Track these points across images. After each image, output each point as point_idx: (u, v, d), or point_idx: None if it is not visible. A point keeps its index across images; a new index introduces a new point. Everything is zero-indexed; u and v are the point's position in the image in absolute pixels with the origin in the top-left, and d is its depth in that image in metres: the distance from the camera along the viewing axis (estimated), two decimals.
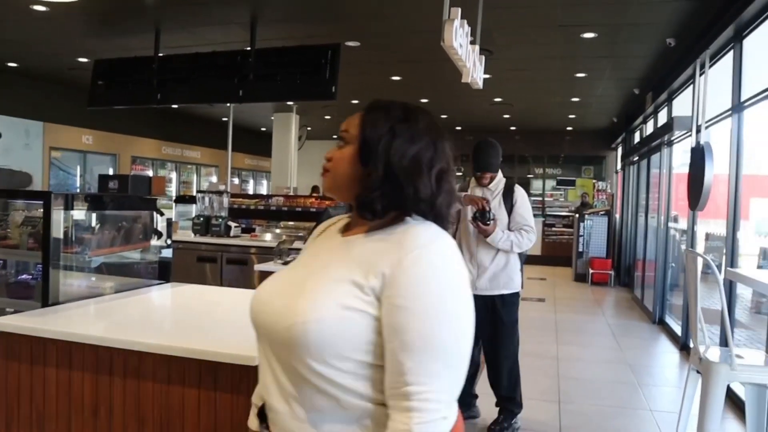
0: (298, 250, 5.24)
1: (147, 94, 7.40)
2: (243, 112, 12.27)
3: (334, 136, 11.93)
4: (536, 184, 16.58)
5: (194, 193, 13.96)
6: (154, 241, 3.19)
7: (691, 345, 3.56)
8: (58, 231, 2.51)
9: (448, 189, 1.29)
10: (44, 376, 2.18)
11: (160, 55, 7.50)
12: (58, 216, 2.50)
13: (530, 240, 3.92)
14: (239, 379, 1.89)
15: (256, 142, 15.99)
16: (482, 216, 3.83)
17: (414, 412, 1.11)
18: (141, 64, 7.48)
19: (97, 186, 6.37)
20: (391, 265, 1.16)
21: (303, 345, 1.15)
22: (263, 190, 17.73)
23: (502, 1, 5.67)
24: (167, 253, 3.22)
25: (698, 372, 3.22)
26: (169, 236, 3.21)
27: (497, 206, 3.93)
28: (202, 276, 6.03)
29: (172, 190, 13.85)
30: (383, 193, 1.24)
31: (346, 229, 1.35)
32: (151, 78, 7.31)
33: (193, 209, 7.11)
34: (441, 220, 1.29)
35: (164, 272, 3.16)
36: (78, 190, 11.12)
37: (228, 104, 9.97)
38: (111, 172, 11.87)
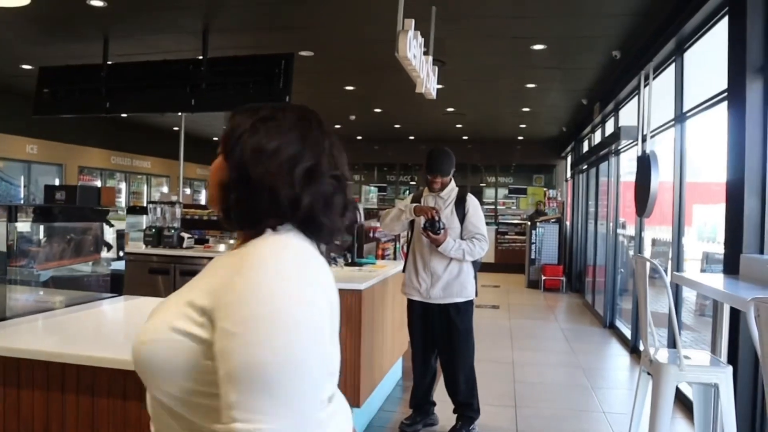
0: None
1: (95, 102, 7.24)
2: (195, 122, 12.10)
3: None
4: (489, 193, 16.83)
5: (145, 204, 13.70)
6: (105, 254, 3.12)
7: (642, 348, 3.66)
8: (2, 244, 2.42)
9: (322, 191, 1.14)
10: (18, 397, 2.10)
11: (109, 63, 7.35)
12: (1, 228, 2.42)
13: (482, 248, 3.96)
14: None
15: (209, 152, 15.65)
16: (432, 226, 3.87)
17: None
18: (89, 72, 7.31)
19: (42, 197, 6.18)
20: (224, 284, 1.02)
21: (139, 368, 1.09)
22: None
23: (455, 13, 5.76)
24: (119, 265, 3.15)
25: (649, 374, 3.31)
26: (121, 248, 3.14)
27: (449, 215, 3.97)
28: (154, 288, 5.89)
29: (122, 200, 13.53)
30: (238, 199, 1.12)
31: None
32: (99, 86, 7.16)
33: (144, 220, 6.96)
34: (314, 227, 1.15)
35: (116, 285, 3.08)
36: (23, 202, 10.76)
37: (179, 114, 9.82)
38: (57, 182, 11.53)
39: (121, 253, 3.06)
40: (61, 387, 2.02)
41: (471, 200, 4.06)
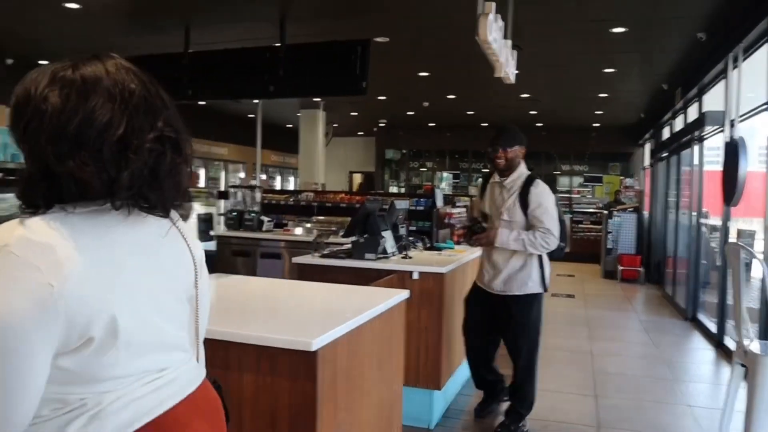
0: (333, 244, 5.28)
1: (177, 90, 7.47)
2: (270, 109, 12.34)
3: (360, 133, 12.08)
4: (563, 181, 16.48)
5: (222, 189, 14.11)
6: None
7: (731, 340, 3.52)
8: None
9: (144, 162, 1.01)
10: None
11: (190, 51, 7.58)
12: None
13: (546, 242, 3.65)
14: (297, 365, 1.91)
15: (283, 139, 16.08)
16: (470, 232, 3.84)
17: None
18: (171, 60, 7.55)
19: None
20: None
21: None
22: (290, 186, 17.84)
23: None
24: (210, 245, 3.25)
25: (743, 366, 3.18)
26: (211, 229, 3.24)
27: (512, 206, 3.75)
28: (235, 269, 6.08)
29: (200, 186, 13.98)
30: (32, 180, 1.02)
31: None
32: (181, 74, 7.38)
33: (222, 205, 7.18)
34: (147, 202, 1.04)
35: (208, 264, 3.19)
36: None
37: (256, 101, 10.04)
38: None
39: (212, 233, 3.16)
40: None
41: (535, 190, 3.73)
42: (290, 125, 15.41)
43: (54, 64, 1.06)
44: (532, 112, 13.30)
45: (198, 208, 3.22)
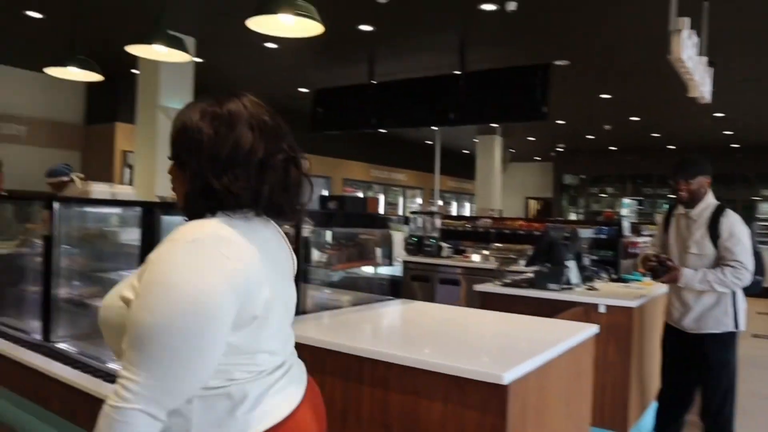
0: (516, 272, 5.20)
1: (363, 119, 7.88)
2: (447, 136, 12.53)
3: (537, 158, 11.77)
4: (764, 208, 14.85)
5: (400, 215, 14.51)
6: (383, 259, 3.34)
7: None
8: (308, 247, 2.73)
9: (277, 179, 1.26)
10: None
11: (374, 82, 7.94)
12: (307, 233, 2.72)
13: (738, 277, 3.30)
14: (487, 398, 1.89)
15: (460, 165, 16.24)
16: (654, 274, 3.52)
17: (113, 394, 1.11)
18: (357, 91, 7.99)
19: (318, 206, 6.84)
20: (149, 256, 1.18)
21: (101, 326, 1.26)
22: (466, 212, 17.92)
23: (728, 10, 5.21)
24: (396, 270, 3.35)
25: None
26: (397, 255, 3.34)
27: (700, 239, 3.42)
28: (413, 294, 6.20)
29: (381, 211, 14.52)
30: (204, 201, 1.24)
31: None
32: (366, 104, 7.78)
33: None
34: (276, 210, 1.28)
35: (394, 288, 3.29)
36: None
37: (434, 128, 10.25)
38: (326, 193, 12.74)
39: (398, 259, 3.26)
40: (358, 378, 2.19)
41: (726, 220, 3.41)
42: (467, 151, 15.52)
43: (198, 101, 1.32)
44: (726, 133, 12.19)
45: (394, 233, 3.38)
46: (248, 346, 1.21)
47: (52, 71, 5.06)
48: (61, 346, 4.15)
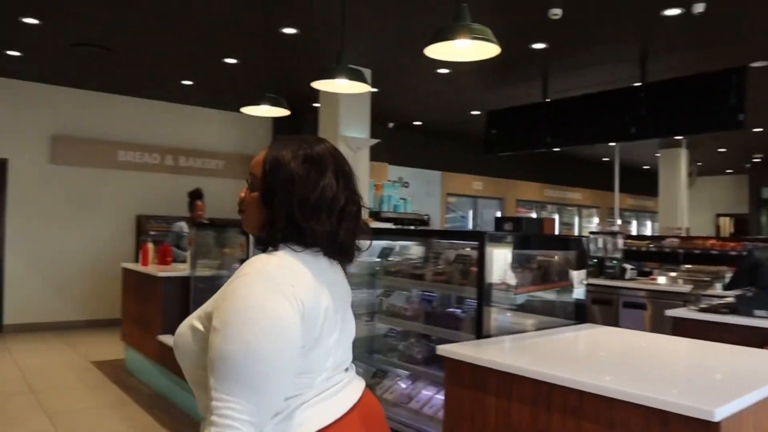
0: (712, 296, 4.77)
1: (536, 139, 7.72)
2: (626, 151, 11.88)
3: (728, 171, 10.73)
4: None
5: (576, 235, 13.97)
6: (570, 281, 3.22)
7: None
8: (490, 269, 2.70)
9: (350, 226, 1.40)
10: (484, 404, 2.34)
11: (548, 100, 7.76)
12: (490, 255, 2.70)
13: None
14: None
15: (639, 181, 15.32)
16: None
17: (212, 426, 1.18)
18: (530, 110, 7.85)
19: (493, 228, 6.78)
20: (223, 290, 1.28)
21: (175, 352, 1.38)
22: (647, 231, 16.83)
23: None
24: (579, 293, 3.21)
25: None
26: (585, 276, 3.20)
27: None
28: (594, 318, 5.91)
29: (555, 232, 14.10)
30: (284, 235, 1.36)
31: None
32: (540, 123, 7.61)
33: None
34: (344, 252, 1.43)
35: (579, 312, 3.16)
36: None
37: (612, 143, 9.77)
38: (498, 214, 12.62)
39: (584, 282, 3.12)
40: (547, 406, 2.12)
41: None
42: (647, 166, 14.60)
43: (289, 140, 1.43)
44: None
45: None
46: (309, 366, 1.32)
47: (247, 110, 5.53)
48: None
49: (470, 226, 12.28)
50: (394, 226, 6.16)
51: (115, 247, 8.84)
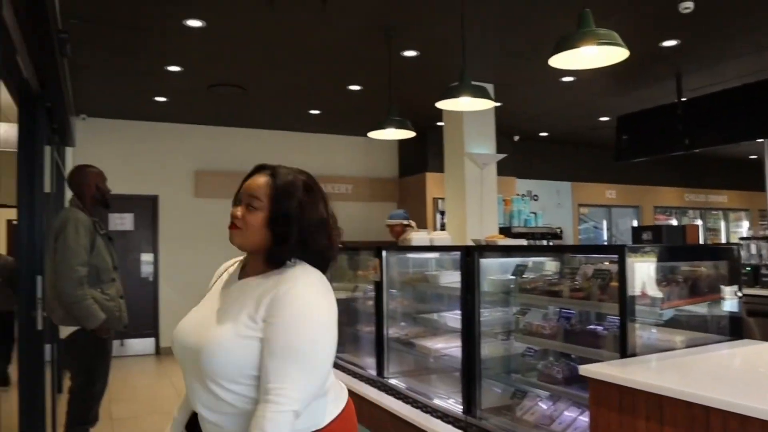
0: None
1: (673, 141, 7.28)
2: None
3: None
4: None
5: (722, 241, 12.97)
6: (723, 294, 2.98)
7: None
8: (632, 283, 2.56)
9: (334, 240, 1.74)
10: (633, 427, 2.20)
11: (683, 99, 7.31)
12: (631, 268, 2.56)
13: None
14: None
15: None
16: None
17: (270, 404, 1.47)
18: (664, 112, 7.43)
19: (630, 238, 6.46)
20: (273, 296, 1.57)
21: (208, 365, 1.55)
22: None
23: None
24: (734, 305, 2.97)
25: None
26: (739, 288, 2.96)
27: None
28: (750, 332, 5.42)
29: (700, 239, 13.14)
30: (292, 251, 1.65)
31: (242, 271, 1.75)
32: (675, 125, 7.17)
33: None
34: (329, 262, 1.75)
35: (734, 327, 2.91)
36: (606, 243, 11.55)
37: (761, 140, 9.01)
38: (634, 224, 11.99)
39: (739, 294, 2.88)
40: (704, 431, 1.96)
41: None
42: None
43: (286, 169, 1.72)
44: None
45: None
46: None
47: (374, 134, 5.66)
48: (393, 381, 4.53)
49: (605, 237, 11.75)
50: (526, 242, 6.02)
51: None
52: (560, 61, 3.20)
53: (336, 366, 5.29)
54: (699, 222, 13.53)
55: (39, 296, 3.43)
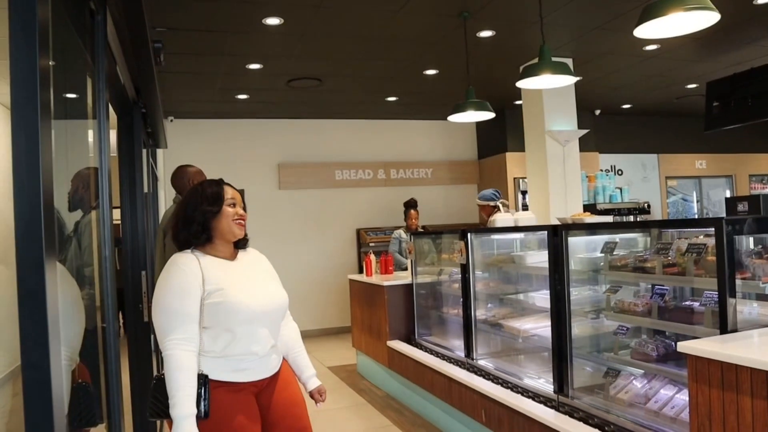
0: None
1: None
2: None
3: None
4: None
5: None
6: None
7: None
8: (731, 257, 2.48)
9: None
10: (738, 404, 2.15)
11: None
12: (729, 241, 2.48)
13: None
14: None
15: None
16: None
17: (293, 321, 2.76)
18: (759, 74, 7.02)
19: (723, 210, 6.17)
20: (266, 262, 2.64)
21: (284, 311, 2.54)
22: None
23: None
24: None
25: None
26: None
27: None
28: None
29: None
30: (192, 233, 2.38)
31: (225, 257, 2.42)
32: None
33: None
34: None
35: None
36: (696, 216, 11.08)
37: None
38: (727, 194, 11.42)
39: None
40: None
41: None
42: None
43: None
44: None
45: None
46: None
47: (454, 118, 5.65)
48: (481, 362, 4.56)
49: (695, 210, 11.25)
50: (612, 219, 5.88)
51: (340, 260, 9.53)
52: (646, 30, 3.10)
53: (423, 348, 5.37)
54: None
55: (144, 290, 3.66)
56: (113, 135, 3.23)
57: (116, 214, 3.37)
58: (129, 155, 3.70)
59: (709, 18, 2.98)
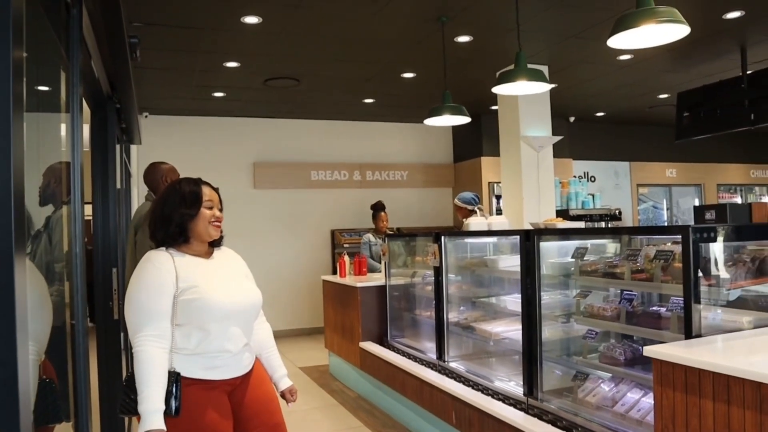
0: None
1: (738, 117, 7.04)
2: None
3: None
4: None
5: None
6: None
7: None
8: (696, 264, 2.54)
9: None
10: (699, 407, 2.20)
11: (749, 72, 7.05)
12: (695, 249, 2.54)
13: None
14: None
15: None
16: None
17: (265, 322, 2.77)
18: (728, 86, 7.19)
19: (692, 218, 6.30)
20: (240, 260, 2.68)
21: (257, 310, 2.57)
22: None
23: None
24: None
25: None
26: None
27: None
28: None
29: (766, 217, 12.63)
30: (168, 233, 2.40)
31: (199, 255, 2.45)
32: (740, 99, 6.94)
33: None
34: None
35: None
36: (666, 223, 11.28)
37: None
38: (696, 202, 11.65)
39: None
40: None
41: None
42: None
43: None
44: None
45: None
46: None
47: (430, 121, 5.68)
48: (453, 365, 4.59)
49: (665, 217, 11.45)
50: (584, 225, 5.96)
51: (314, 261, 9.51)
52: (619, 41, 3.16)
53: (396, 350, 5.40)
54: (767, 199, 13.03)
55: (114, 287, 3.62)
56: (86, 130, 3.19)
57: (88, 209, 3.34)
58: (102, 151, 3.66)
59: (680, 31, 3.05)
